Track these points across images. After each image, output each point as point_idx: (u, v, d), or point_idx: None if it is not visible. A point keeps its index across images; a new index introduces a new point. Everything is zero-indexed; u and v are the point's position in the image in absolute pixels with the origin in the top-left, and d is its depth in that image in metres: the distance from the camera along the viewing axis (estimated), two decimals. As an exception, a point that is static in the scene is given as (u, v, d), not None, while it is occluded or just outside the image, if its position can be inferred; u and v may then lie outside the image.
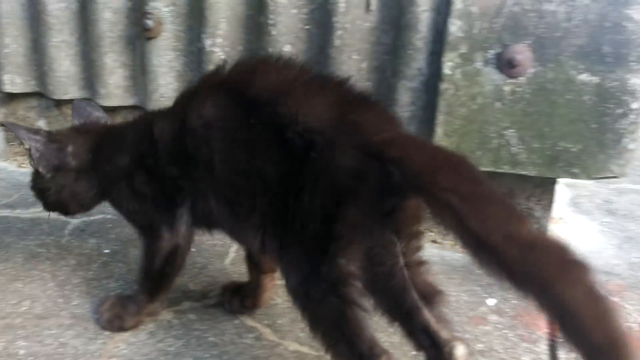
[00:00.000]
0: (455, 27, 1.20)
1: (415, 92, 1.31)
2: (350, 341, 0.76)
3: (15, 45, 1.68)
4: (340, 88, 0.85)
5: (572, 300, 0.55)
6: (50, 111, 1.78)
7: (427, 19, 1.26)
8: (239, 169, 0.84)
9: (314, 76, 0.88)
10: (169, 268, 0.99)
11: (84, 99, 1.15)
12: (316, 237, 0.77)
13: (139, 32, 1.55)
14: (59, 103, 1.74)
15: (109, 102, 1.61)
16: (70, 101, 1.37)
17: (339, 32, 1.34)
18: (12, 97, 1.77)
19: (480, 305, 1.18)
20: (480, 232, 0.61)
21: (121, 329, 1.03)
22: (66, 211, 1.09)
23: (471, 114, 1.24)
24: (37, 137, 1.02)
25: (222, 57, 1.47)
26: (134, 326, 1.04)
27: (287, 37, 1.40)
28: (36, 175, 1.05)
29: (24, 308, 1.09)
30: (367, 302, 0.79)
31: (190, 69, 1.54)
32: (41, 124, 1.78)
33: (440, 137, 1.26)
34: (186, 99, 0.93)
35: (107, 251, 1.31)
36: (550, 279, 0.57)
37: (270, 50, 1.40)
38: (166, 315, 1.08)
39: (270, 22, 1.38)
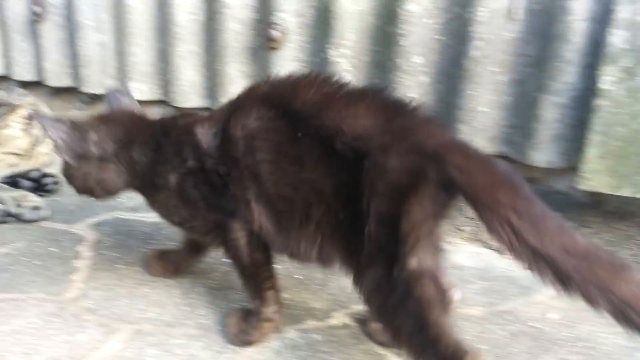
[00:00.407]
0: (617, 38, 1.08)
1: (563, 108, 1.20)
2: (435, 346, 0.75)
3: (143, 54, 1.75)
4: (380, 97, 0.86)
5: (629, 294, 0.63)
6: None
7: (582, 29, 1.14)
8: (289, 181, 0.85)
9: (353, 88, 0.88)
10: (258, 255, 0.97)
11: (118, 88, 1.14)
12: (383, 242, 0.77)
13: (262, 43, 1.55)
14: (181, 111, 1.78)
15: (229, 111, 1.62)
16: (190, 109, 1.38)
17: (476, 43, 1.25)
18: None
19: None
20: (539, 246, 0.66)
21: (247, 343, 1.00)
22: (94, 196, 1.09)
23: (632, 134, 1.10)
24: (61, 127, 1.02)
25: (348, 67, 1.43)
26: (260, 340, 1.00)
27: (418, 48, 1.33)
28: (64, 162, 1.06)
29: (152, 314, 1.08)
30: (445, 299, 0.81)
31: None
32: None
33: (593, 158, 1.13)
34: (229, 110, 0.94)
35: (227, 260, 1.29)
36: (607, 281, 0.64)
37: (399, 61, 1.34)
38: (290, 333, 1.04)
39: (400, 32, 1.32)
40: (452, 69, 1.31)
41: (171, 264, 1.20)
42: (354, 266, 0.83)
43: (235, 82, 1.61)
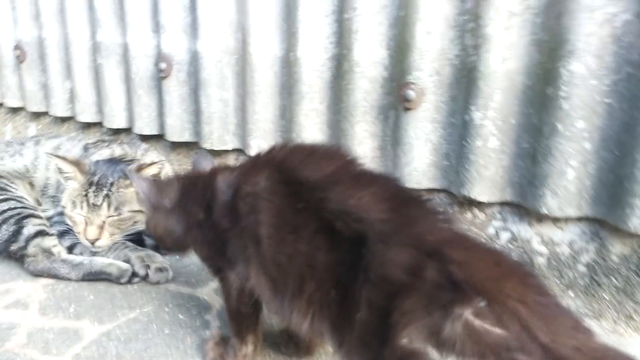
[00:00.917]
0: None
1: None
2: None
3: (265, 112, 1.72)
4: (390, 184, 0.86)
5: None
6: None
7: None
8: (285, 249, 0.85)
9: (365, 170, 0.89)
10: (244, 308, 1.02)
11: (202, 154, 1.26)
12: (374, 326, 0.75)
13: (393, 102, 1.47)
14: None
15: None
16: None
17: (655, 107, 1.10)
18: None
19: None
20: (550, 344, 0.61)
21: None
22: (168, 248, 1.21)
23: None
24: (144, 182, 1.16)
25: (492, 130, 1.31)
26: None
27: (581, 112, 1.19)
28: (146, 215, 1.19)
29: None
30: None
31: (448, 142, 1.41)
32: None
33: None
34: (247, 167, 0.99)
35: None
36: None
37: (557, 125, 1.21)
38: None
39: (562, 94, 1.19)
40: (622, 135, 1.16)
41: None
42: (344, 344, 0.81)
43: (362, 142, 1.54)
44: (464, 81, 1.35)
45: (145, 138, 2.06)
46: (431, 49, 1.37)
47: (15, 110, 2.65)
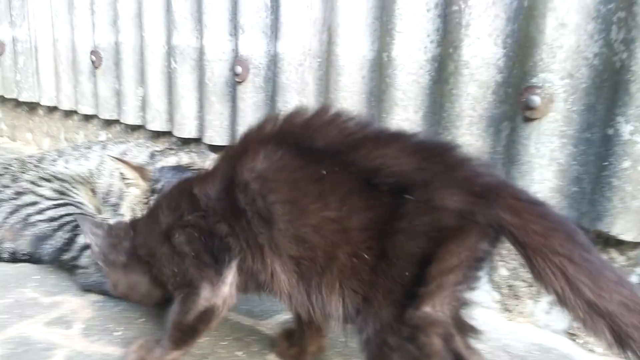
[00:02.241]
0: None
1: None
2: None
3: (348, 121, 1.51)
4: (414, 138, 0.80)
5: None
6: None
7: None
8: (309, 221, 0.79)
9: (377, 129, 0.84)
10: (201, 326, 0.95)
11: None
12: (405, 282, 0.72)
13: (508, 111, 1.21)
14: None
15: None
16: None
17: None
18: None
19: None
20: (596, 299, 0.61)
21: None
22: (138, 302, 1.12)
23: None
24: (98, 232, 1.07)
25: (647, 149, 1.02)
26: None
27: None
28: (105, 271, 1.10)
29: None
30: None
31: (580, 162, 1.13)
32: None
33: None
34: (231, 157, 0.88)
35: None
36: None
37: None
38: None
39: None
40: None
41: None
42: (368, 309, 0.76)
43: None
44: (607, 85, 1.07)
45: (215, 149, 1.91)
46: (564, 45, 1.10)
47: (88, 118, 2.60)
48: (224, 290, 0.91)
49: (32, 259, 1.48)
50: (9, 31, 2.89)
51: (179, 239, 0.94)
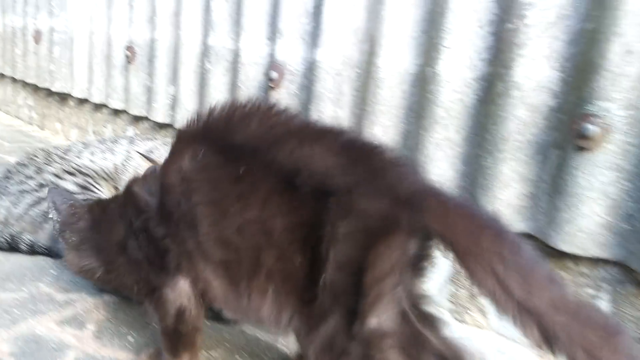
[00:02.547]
0: None
1: None
2: None
3: (384, 136, 1.45)
4: (340, 136, 0.76)
5: None
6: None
7: None
8: (232, 223, 0.76)
9: (305, 122, 0.81)
10: (181, 326, 0.91)
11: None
12: (341, 293, 0.69)
13: (559, 139, 1.14)
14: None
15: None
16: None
17: None
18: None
19: None
20: (525, 298, 0.59)
21: None
22: (96, 282, 1.13)
23: None
24: (62, 208, 1.06)
25: None
26: None
27: None
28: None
29: None
30: None
31: (635, 199, 1.05)
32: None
33: None
34: (166, 160, 0.86)
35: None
36: (596, 346, 0.56)
37: None
38: None
39: None
40: None
41: None
42: (306, 320, 0.73)
43: (507, 185, 1.21)
44: (672, 120, 0.99)
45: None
46: (629, 73, 1.03)
47: (117, 113, 2.59)
48: (183, 289, 0.88)
49: (50, 252, 1.45)
50: (47, 20, 2.91)
51: (133, 247, 0.93)
